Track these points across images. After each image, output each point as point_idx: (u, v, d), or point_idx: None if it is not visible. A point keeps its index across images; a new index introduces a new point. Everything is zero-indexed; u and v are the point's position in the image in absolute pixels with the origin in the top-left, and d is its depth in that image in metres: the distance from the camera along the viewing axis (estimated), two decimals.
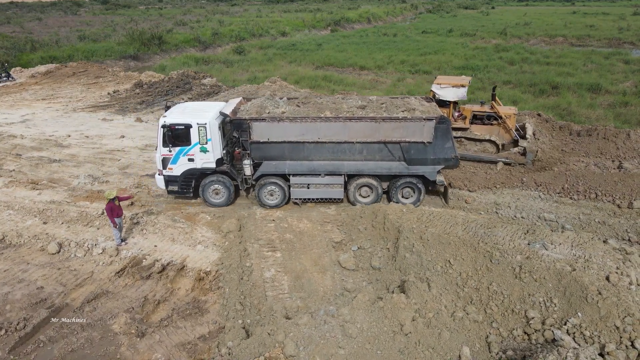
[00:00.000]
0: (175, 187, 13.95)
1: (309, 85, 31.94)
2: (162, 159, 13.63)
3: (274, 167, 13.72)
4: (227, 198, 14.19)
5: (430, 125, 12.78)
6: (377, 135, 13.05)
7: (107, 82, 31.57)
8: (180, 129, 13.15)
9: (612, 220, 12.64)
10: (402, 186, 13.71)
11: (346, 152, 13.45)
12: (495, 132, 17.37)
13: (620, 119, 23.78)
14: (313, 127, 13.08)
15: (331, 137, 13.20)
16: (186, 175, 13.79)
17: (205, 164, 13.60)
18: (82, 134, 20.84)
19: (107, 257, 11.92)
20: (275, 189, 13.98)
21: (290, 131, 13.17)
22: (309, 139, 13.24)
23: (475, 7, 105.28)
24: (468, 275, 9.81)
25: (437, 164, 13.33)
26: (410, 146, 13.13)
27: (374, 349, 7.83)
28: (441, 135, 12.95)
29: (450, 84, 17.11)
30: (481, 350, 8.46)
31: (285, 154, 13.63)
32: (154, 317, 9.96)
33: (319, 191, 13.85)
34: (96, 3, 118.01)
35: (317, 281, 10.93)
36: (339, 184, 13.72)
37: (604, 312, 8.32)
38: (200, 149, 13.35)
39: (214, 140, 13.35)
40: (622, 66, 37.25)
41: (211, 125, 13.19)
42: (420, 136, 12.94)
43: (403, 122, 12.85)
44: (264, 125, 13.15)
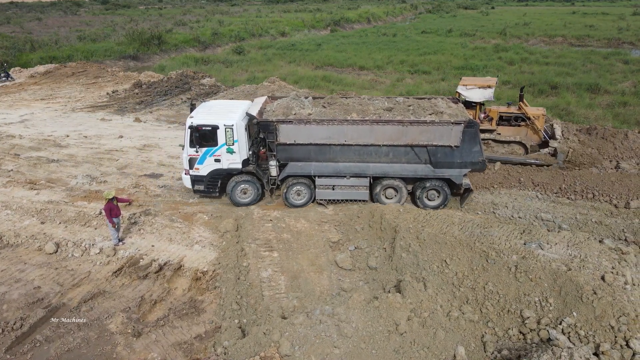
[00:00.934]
0: (202, 187, 14.05)
1: (308, 86, 31.95)
2: (188, 159, 13.68)
3: (300, 169, 13.77)
4: (255, 197, 14.28)
5: (458, 129, 12.60)
6: (404, 138, 12.92)
7: (106, 82, 31.58)
8: (207, 130, 13.15)
9: (609, 220, 12.66)
10: (427, 188, 13.55)
11: (372, 154, 13.40)
12: (523, 134, 17.10)
13: (619, 119, 23.80)
14: (339, 130, 13.05)
15: (357, 140, 13.15)
16: (212, 176, 13.87)
17: (232, 164, 13.65)
18: (80, 134, 20.85)
19: (104, 257, 11.93)
20: (302, 189, 14.03)
21: (316, 133, 13.16)
22: (335, 142, 13.24)
23: (475, 7, 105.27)
24: (464, 275, 9.83)
25: (463, 168, 13.15)
26: (437, 149, 12.97)
27: (369, 349, 7.85)
28: (469, 139, 12.77)
29: (476, 84, 16.70)
30: (476, 350, 8.48)
31: (311, 156, 13.66)
32: (150, 317, 9.98)
33: (344, 192, 13.85)
34: (96, 3, 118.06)
35: (314, 281, 10.95)
36: (364, 185, 13.70)
37: (599, 311, 8.34)
38: (227, 150, 13.38)
39: (241, 142, 13.37)
40: (622, 66, 37.27)
41: (238, 127, 13.18)
42: (448, 140, 12.76)
43: (431, 126, 12.66)
44: (290, 128, 13.15)
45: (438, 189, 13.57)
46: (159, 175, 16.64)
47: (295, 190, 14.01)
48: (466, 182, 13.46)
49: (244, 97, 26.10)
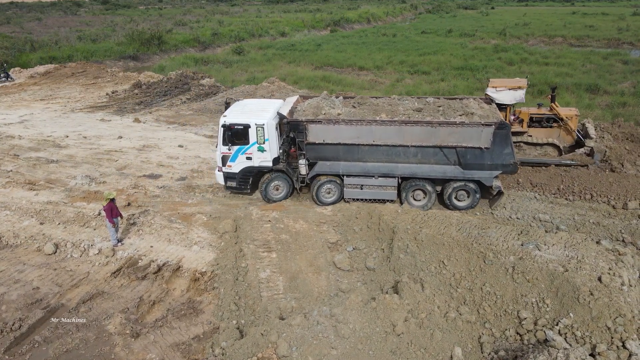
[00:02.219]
0: (234, 184, 14.43)
1: (308, 86, 31.98)
2: (221, 157, 14.09)
3: (329, 168, 13.93)
4: (286, 194, 14.62)
5: (489, 131, 12.44)
6: (433, 139, 12.86)
7: (105, 83, 31.62)
8: (239, 128, 13.54)
9: (607, 221, 12.68)
10: (456, 189, 13.47)
11: (400, 154, 13.41)
12: (556, 135, 16.81)
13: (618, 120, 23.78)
14: (368, 130, 13.12)
15: (386, 140, 13.19)
16: (244, 173, 14.21)
17: (263, 162, 13.99)
18: (80, 135, 20.89)
19: (103, 257, 11.96)
20: (332, 187, 14.20)
21: (345, 133, 13.27)
22: (363, 142, 13.32)
23: (475, 8, 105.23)
24: (461, 276, 9.85)
25: (494, 170, 13.02)
26: (467, 151, 12.85)
27: (366, 349, 7.88)
28: (500, 141, 12.59)
29: (507, 86, 16.34)
30: (473, 351, 8.51)
31: (340, 155, 13.79)
32: (148, 318, 10.01)
33: (371, 192, 13.90)
34: (96, 3, 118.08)
35: (312, 282, 10.97)
36: (392, 185, 13.70)
37: (596, 312, 8.37)
38: (258, 148, 13.72)
39: (271, 140, 13.69)
40: (621, 66, 37.26)
41: (269, 126, 13.51)
42: (478, 141, 12.63)
43: (460, 127, 12.56)
44: (319, 127, 13.31)
45: (468, 190, 13.45)
46: (158, 175, 16.67)
47: (325, 188, 14.22)
48: (497, 185, 13.26)
49: (242, 97, 26.14)
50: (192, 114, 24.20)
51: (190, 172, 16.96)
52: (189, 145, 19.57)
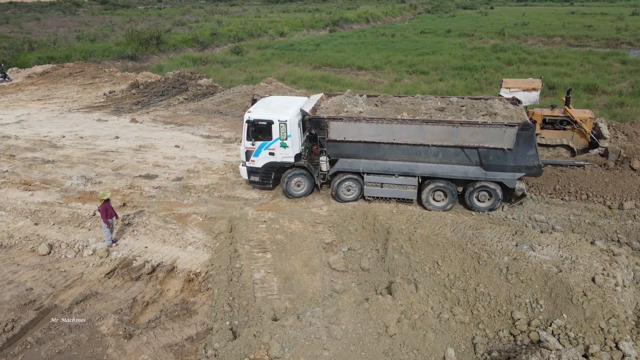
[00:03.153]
0: (257, 178, 14.73)
1: (306, 86, 31.94)
2: (245, 152, 14.40)
3: (349, 165, 13.99)
4: (307, 190, 14.76)
5: (512, 131, 12.21)
6: (454, 139, 12.73)
7: (103, 83, 31.58)
8: (262, 124, 13.81)
9: (602, 221, 12.65)
10: (478, 189, 13.36)
11: (421, 154, 13.35)
12: (569, 137, 16.67)
13: (616, 119, 23.74)
14: (389, 128, 13.11)
15: (406, 139, 13.15)
16: (267, 168, 14.48)
17: (285, 158, 14.23)
18: (76, 135, 20.85)
19: (97, 258, 11.93)
20: (352, 185, 14.23)
21: (366, 131, 13.28)
22: (384, 140, 13.31)
23: (474, 7, 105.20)
24: (456, 277, 9.83)
25: (517, 171, 12.81)
26: (489, 152, 12.66)
27: (358, 350, 7.85)
28: (524, 142, 12.35)
29: (520, 87, 16.14)
30: (467, 352, 8.48)
31: (361, 153, 13.83)
32: (142, 319, 9.98)
33: (391, 191, 13.89)
34: (95, 3, 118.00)
35: (307, 282, 10.95)
36: (413, 185, 13.65)
37: (589, 313, 8.35)
38: (281, 144, 13.94)
39: (294, 137, 13.90)
40: (619, 66, 37.23)
41: (291, 123, 13.71)
42: (500, 142, 12.40)
43: (482, 128, 12.40)
44: (340, 125, 13.38)
45: (489, 191, 13.32)
46: (154, 176, 16.64)
47: (345, 185, 14.29)
48: (520, 187, 13.07)
49: (240, 97, 26.15)
50: (189, 114, 24.16)
51: (186, 172, 16.93)
52: (185, 146, 19.54)
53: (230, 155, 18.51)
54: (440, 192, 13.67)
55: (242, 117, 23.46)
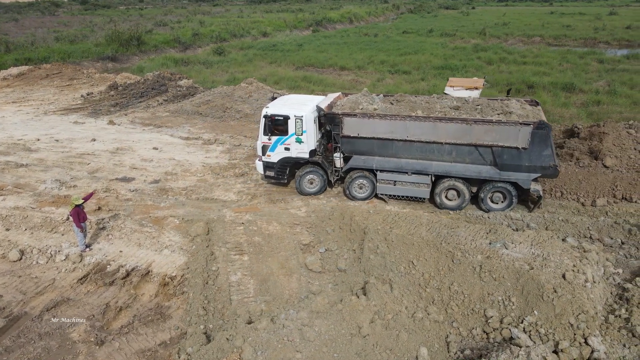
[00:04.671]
0: (272, 173, 14.89)
1: (289, 86, 31.84)
2: (262, 146, 14.60)
3: (363, 162, 14.04)
4: (320, 188, 14.89)
5: (527, 130, 12.07)
6: (468, 137, 12.66)
7: (81, 84, 31.02)
8: (279, 119, 14.07)
9: (575, 218, 12.86)
10: (492, 190, 13.24)
11: (435, 152, 13.33)
12: None
13: (593, 118, 24.21)
14: (402, 125, 13.14)
15: (420, 137, 13.15)
16: (282, 163, 14.64)
17: (300, 153, 14.40)
18: (52, 138, 20.43)
19: (70, 263, 11.70)
20: (365, 183, 14.27)
21: (379, 128, 13.35)
22: (397, 137, 13.34)
23: (456, 7, 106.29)
24: (430, 276, 9.88)
25: (532, 172, 12.65)
26: (503, 151, 12.51)
27: (330, 352, 7.83)
28: (539, 142, 12.20)
29: (463, 86, 16.54)
30: (440, 350, 8.52)
31: (374, 150, 13.88)
32: (114, 324, 9.80)
33: (404, 189, 13.87)
34: (75, 3, 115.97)
35: (283, 284, 10.89)
36: (426, 183, 13.59)
37: (559, 309, 8.46)
38: (296, 139, 14.17)
39: (309, 132, 14.11)
40: (597, 65, 37.96)
41: (307, 118, 13.93)
42: (515, 141, 12.25)
43: (496, 126, 12.27)
44: (354, 121, 13.49)
45: (504, 192, 13.20)
46: (130, 179, 16.39)
47: (357, 183, 14.31)
48: (535, 188, 12.85)
49: (220, 98, 25.95)
50: (169, 116, 23.88)
51: (164, 174, 16.73)
52: (164, 148, 19.30)
53: (209, 157, 18.34)
54: (454, 191, 13.63)
55: (222, 119, 23.44)
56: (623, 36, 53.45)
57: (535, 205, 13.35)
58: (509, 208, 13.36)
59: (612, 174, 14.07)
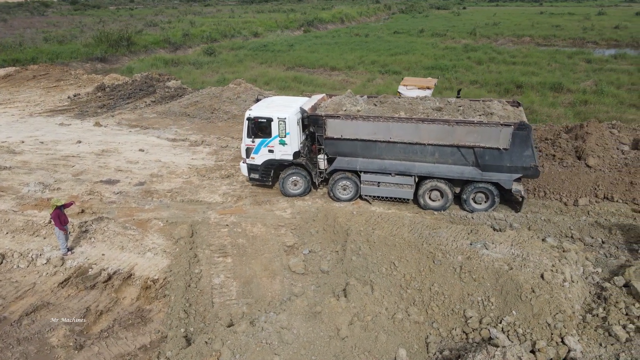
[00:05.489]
0: (257, 175, 14.91)
1: (279, 87, 31.81)
2: (246, 149, 14.62)
3: (346, 163, 14.09)
4: (304, 189, 14.91)
5: (507, 131, 12.18)
6: (450, 138, 12.76)
7: (68, 85, 30.75)
8: (262, 122, 14.07)
9: (557, 218, 12.95)
10: (474, 191, 13.37)
11: (418, 153, 13.40)
12: None
13: (580, 117, 24.42)
14: (385, 127, 13.17)
15: (403, 138, 13.19)
16: (266, 165, 14.66)
17: (284, 155, 14.40)
18: (36, 140, 20.24)
19: (51, 267, 11.58)
20: (348, 184, 14.30)
21: (362, 129, 13.37)
22: (380, 138, 13.38)
23: (447, 8, 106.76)
24: (411, 277, 9.90)
25: (513, 172, 12.78)
26: (485, 152, 12.65)
27: (309, 354, 7.82)
28: (520, 142, 12.29)
29: (416, 85, 16.94)
30: (419, 351, 8.55)
31: (358, 151, 13.91)
32: (94, 329, 9.73)
33: (388, 190, 13.90)
34: (65, 3, 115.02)
35: (266, 286, 10.87)
36: (409, 184, 13.65)
37: (537, 309, 8.52)
38: (280, 141, 14.16)
39: (292, 134, 14.09)
40: (584, 65, 38.29)
41: (290, 120, 13.92)
42: (496, 142, 12.39)
43: (478, 127, 12.39)
44: (338, 122, 13.51)
45: (486, 192, 13.32)
46: (115, 181, 16.28)
47: (341, 185, 14.34)
48: (517, 189, 12.97)
49: (208, 99, 25.84)
50: (156, 117, 23.75)
51: (149, 176, 16.63)
52: (150, 149, 19.19)
53: (195, 159, 18.27)
54: (437, 192, 13.74)
55: (209, 120, 23.34)
56: (611, 36, 54.01)
57: (520, 206, 13.43)
58: (491, 208, 13.46)
59: (595, 174, 14.19)
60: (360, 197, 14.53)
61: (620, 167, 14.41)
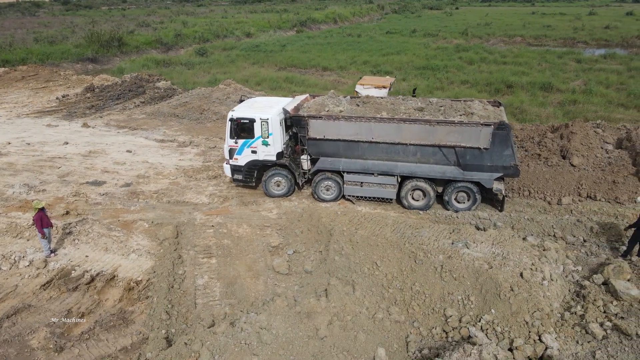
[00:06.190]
0: (240, 176, 14.88)
1: (271, 87, 31.81)
2: (229, 150, 14.61)
3: (329, 164, 14.11)
4: (288, 190, 14.88)
5: (487, 131, 12.30)
6: (431, 138, 12.83)
7: (57, 86, 30.58)
8: (245, 122, 14.07)
9: (541, 217, 13.03)
10: (456, 190, 13.44)
11: (400, 153, 13.44)
12: None
13: (569, 117, 24.59)
14: (367, 127, 13.21)
15: (385, 138, 13.24)
16: (250, 166, 14.65)
17: (267, 156, 14.39)
18: (23, 141, 20.10)
19: (34, 269, 11.52)
20: (331, 184, 14.31)
21: (345, 130, 13.40)
22: (363, 138, 13.42)
23: (440, 8, 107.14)
24: (393, 276, 9.94)
25: (494, 171, 12.89)
26: (466, 151, 12.74)
27: (287, 354, 7.84)
28: (500, 142, 12.41)
29: (372, 84, 17.24)
30: (399, 350, 8.58)
31: (341, 152, 13.94)
32: (75, 331, 9.68)
33: (371, 190, 13.94)
34: (57, 4, 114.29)
35: (250, 287, 10.87)
36: (392, 184, 13.70)
37: (515, 307, 8.58)
38: (262, 142, 14.17)
39: (275, 135, 14.08)
40: (574, 65, 38.56)
41: (273, 121, 13.92)
42: (477, 142, 12.50)
43: (458, 127, 12.47)
44: (320, 123, 13.53)
45: (467, 192, 13.41)
46: (101, 182, 16.21)
47: (324, 185, 14.37)
48: (497, 188, 13.05)
49: (198, 99, 25.79)
50: (145, 118, 23.67)
51: (135, 177, 16.57)
52: (137, 150, 19.12)
53: (183, 160, 18.23)
54: (420, 192, 13.79)
55: (198, 120, 23.30)
56: (601, 36, 54.43)
57: (501, 205, 13.51)
58: (473, 207, 13.55)
59: (578, 173, 14.31)
60: (343, 197, 14.55)
61: (604, 166, 14.54)
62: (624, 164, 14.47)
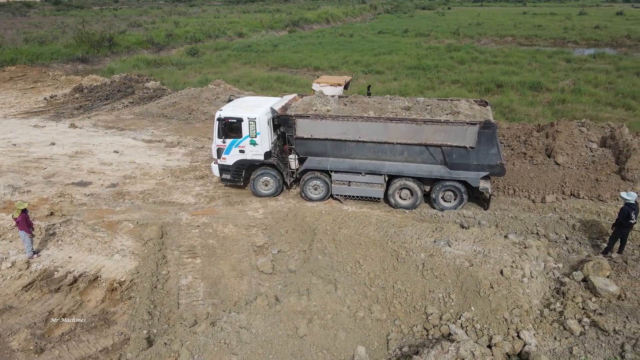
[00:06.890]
0: (228, 176, 14.87)
1: (262, 87, 31.76)
2: (217, 149, 14.62)
3: (317, 163, 14.13)
4: (276, 189, 14.90)
5: (473, 129, 12.35)
6: (418, 137, 12.88)
7: (45, 87, 30.37)
8: (232, 122, 14.11)
9: (524, 215, 13.12)
10: (443, 189, 13.49)
11: (387, 152, 13.48)
12: None
13: (557, 116, 24.75)
14: (354, 126, 13.23)
15: (372, 137, 13.26)
16: (238, 165, 14.66)
17: (255, 155, 14.41)
18: (9, 142, 19.94)
19: (16, 270, 11.43)
20: (319, 184, 14.34)
21: (332, 129, 13.43)
22: (350, 138, 13.44)
23: (432, 8, 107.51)
24: (376, 275, 9.97)
25: (480, 170, 12.96)
26: (452, 150, 12.79)
27: (266, 353, 7.84)
28: (485, 141, 12.48)
29: (328, 82, 17.35)
30: (379, 348, 8.61)
31: (328, 151, 13.97)
32: (56, 332, 9.63)
33: (359, 189, 13.96)
34: (48, 4, 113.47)
35: (233, 286, 10.86)
36: (380, 183, 13.72)
37: (495, 305, 8.64)
38: (250, 141, 14.17)
39: (263, 134, 14.11)
40: (564, 65, 38.82)
41: (260, 120, 13.95)
42: (463, 141, 12.56)
43: (445, 126, 12.51)
44: (307, 122, 13.56)
45: (454, 191, 13.46)
46: (87, 183, 16.12)
47: (312, 184, 14.39)
48: (484, 186, 13.10)
49: (187, 100, 25.71)
50: (133, 118, 23.56)
51: (122, 178, 16.49)
52: (125, 151, 19.03)
53: (170, 160, 18.17)
54: (407, 191, 13.82)
55: (187, 121, 23.23)
56: (591, 36, 54.85)
57: (487, 203, 13.59)
58: (460, 206, 13.60)
59: (562, 171, 14.41)
60: (332, 196, 14.57)
61: (588, 165, 14.66)
62: (607, 162, 14.59)
